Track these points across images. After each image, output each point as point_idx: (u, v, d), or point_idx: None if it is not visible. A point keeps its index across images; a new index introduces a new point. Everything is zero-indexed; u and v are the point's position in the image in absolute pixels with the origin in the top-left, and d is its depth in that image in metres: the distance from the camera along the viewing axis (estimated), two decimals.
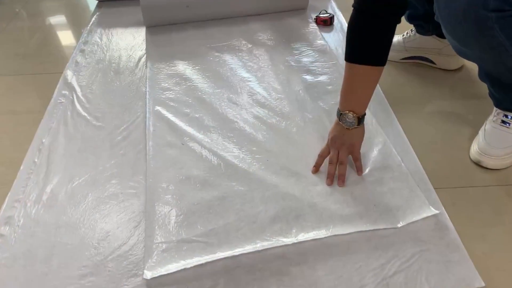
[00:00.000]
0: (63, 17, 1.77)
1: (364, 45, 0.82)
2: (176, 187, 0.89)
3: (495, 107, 0.95)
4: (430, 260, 0.75)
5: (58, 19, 1.75)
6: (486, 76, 0.93)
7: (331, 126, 0.92)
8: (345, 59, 0.84)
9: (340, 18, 1.53)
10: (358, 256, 0.76)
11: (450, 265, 0.74)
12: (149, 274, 0.73)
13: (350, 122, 0.87)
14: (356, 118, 0.87)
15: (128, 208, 0.87)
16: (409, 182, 0.88)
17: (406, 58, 1.27)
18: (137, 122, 1.08)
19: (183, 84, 1.21)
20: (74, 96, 1.18)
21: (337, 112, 0.89)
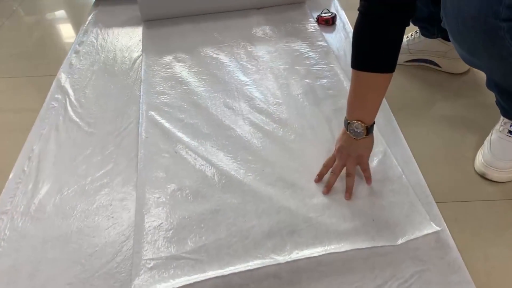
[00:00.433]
0: (61, 15, 1.74)
1: (372, 51, 0.76)
2: (167, 199, 0.86)
3: (502, 116, 0.91)
4: (430, 281, 0.71)
5: (56, 17, 1.72)
6: (495, 86, 0.88)
7: (338, 135, 0.88)
8: (352, 66, 0.78)
9: (343, 18, 1.48)
10: (354, 276, 0.72)
11: (451, 287, 0.70)
12: None
13: (358, 132, 0.82)
14: (365, 128, 0.81)
15: (117, 221, 0.84)
16: (410, 196, 0.84)
17: (410, 61, 1.23)
18: (130, 128, 1.05)
19: (179, 88, 1.18)
20: (67, 100, 1.15)
21: (344, 121, 0.84)
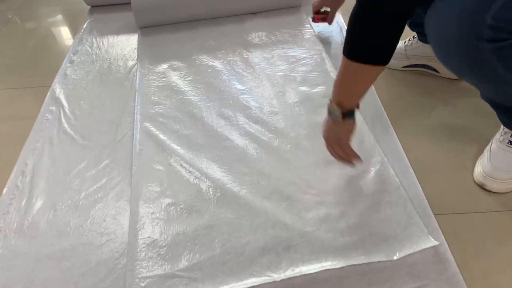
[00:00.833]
0: (57, 22, 1.73)
1: (367, 42, 0.70)
2: (161, 215, 0.85)
3: (503, 125, 0.89)
4: None
5: (52, 25, 1.70)
6: (489, 100, 0.85)
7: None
8: (343, 53, 0.73)
9: (340, 21, 1.47)
10: None
11: None
12: None
13: (335, 115, 0.80)
14: (341, 113, 0.79)
15: (111, 238, 0.83)
16: (408, 208, 0.83)
17: (408, 66, 1.21)
18: (125, 140, 1.04)
19: (174, 97, 1.16)
20: (61, 112, 1.14)
21: (328, 104, 0.82)
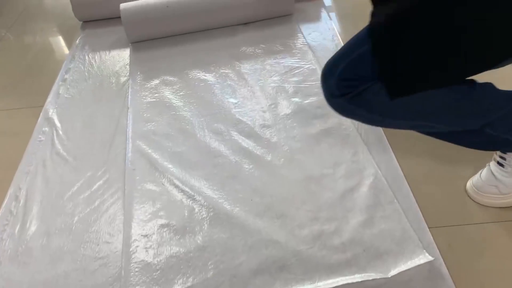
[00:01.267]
0: (50, 40, 1.73)
1: None
2: (154, 237, 0.85)
3: None
4: None
5: (45, 42, 1.70)
6: (425, 134, 0.84)
7: None
8: None
9: (331, 27, 1.46)
10: None
11: None
12: None
13: None
14: None
15: (105, 262, 0.82)
16: (402, 222, 0.82)
17: None
18: (117, 161, 1.04)
19: (166, 114, 1.16)
20: (54, 133, 1.14)
21: None
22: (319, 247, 0.80)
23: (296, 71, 1.26)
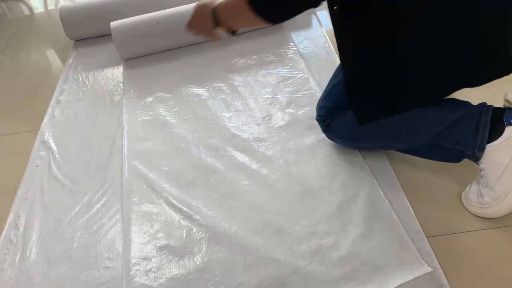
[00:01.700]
0: (43, 61, 1.73)
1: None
2: (154, 260, 0.85)
3: None
4: None
5: (38, 63, 1.70)
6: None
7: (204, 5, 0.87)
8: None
9: (323, 34, 1.46)
10: None
11: None
12: None
13: (224, 35, 0.85)
14: (231, 34, 0.86)
15: None
16: (400, 233, 0.82)
17: None
18: (115, 183, 1.04)
19: (161, 132, 1.16)
20: (51, 157, 1.15)
21: (214, 13, 0.84)
22: (318, 263, 0.80)
23: (289, 81, 1.26)
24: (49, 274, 0.87)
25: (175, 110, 1.23)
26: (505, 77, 0.77)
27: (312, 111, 1.13)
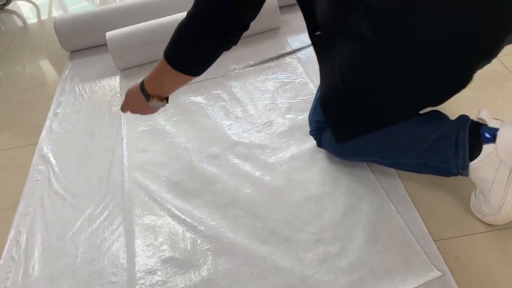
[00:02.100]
0: (39, 73, 1.72)
1: (184, 53, 0.80)
2: (159, 274, 0.84)
3: None
4: None
5: (34, 76, 1.69)
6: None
7: (132, 88, 0.93)
8: (164, 54, 0.81)
9: None
10: None
11: None
12: None
13: (157, 104, 0.89)
14: (165, 102, 0.90)
15: None
16: (407, 237, 0.81)
17: None
18: (116, 195, 1.03)
19: (160, 141, 1.15)
20: (50, 171, 1.13)
21: (142, 88, 0.88)
22: (326, 271, 0.79)
23: (288, 87, 1.26)
24: None
25: (174, 119, 1.22)
26: (500, 78, 0.77)
27: None
